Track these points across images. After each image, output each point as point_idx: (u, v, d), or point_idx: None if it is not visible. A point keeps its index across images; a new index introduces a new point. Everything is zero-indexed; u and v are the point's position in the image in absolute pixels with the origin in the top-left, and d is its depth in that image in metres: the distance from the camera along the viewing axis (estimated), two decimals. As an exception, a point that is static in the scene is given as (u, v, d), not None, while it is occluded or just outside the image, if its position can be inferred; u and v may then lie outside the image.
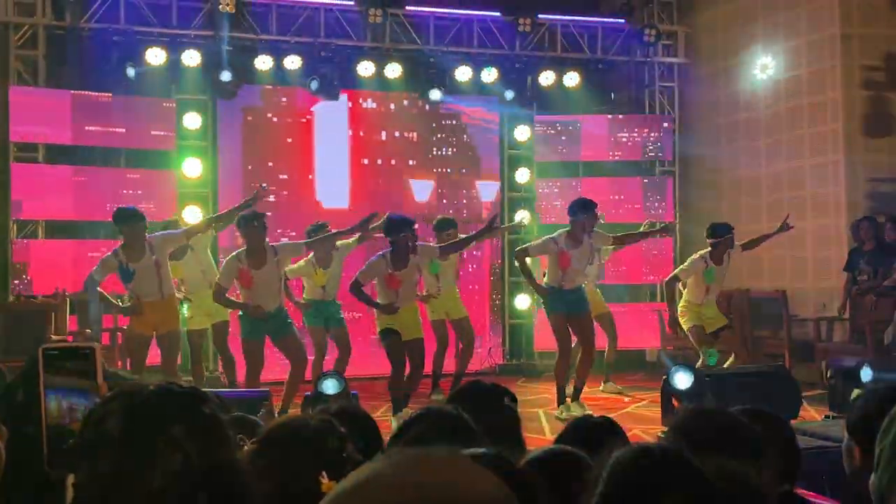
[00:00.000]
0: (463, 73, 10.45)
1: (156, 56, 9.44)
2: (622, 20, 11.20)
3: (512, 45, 10.78)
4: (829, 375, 7.15)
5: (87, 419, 1.54)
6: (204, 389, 1.66)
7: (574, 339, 7.84)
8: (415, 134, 10.78)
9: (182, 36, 9.68)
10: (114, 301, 7.30)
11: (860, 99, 9.68)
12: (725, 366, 7.82)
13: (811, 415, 7.17)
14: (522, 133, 11.03)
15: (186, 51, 9.52)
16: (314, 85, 9.91)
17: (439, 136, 10.89)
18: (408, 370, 7.48)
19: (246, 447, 1.98)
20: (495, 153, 11.11)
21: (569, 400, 7.84)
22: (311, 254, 7.90)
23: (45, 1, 9.27)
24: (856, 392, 6.79)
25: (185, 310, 7.82)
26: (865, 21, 9.65)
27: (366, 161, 10.61)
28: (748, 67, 10.73)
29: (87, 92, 9.48)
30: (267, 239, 7.19)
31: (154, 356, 7.26)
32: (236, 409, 3.71)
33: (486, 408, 2.56)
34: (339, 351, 8.15)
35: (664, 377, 6.93)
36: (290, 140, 10.45)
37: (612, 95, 11.36)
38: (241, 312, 7.28)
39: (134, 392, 1.56)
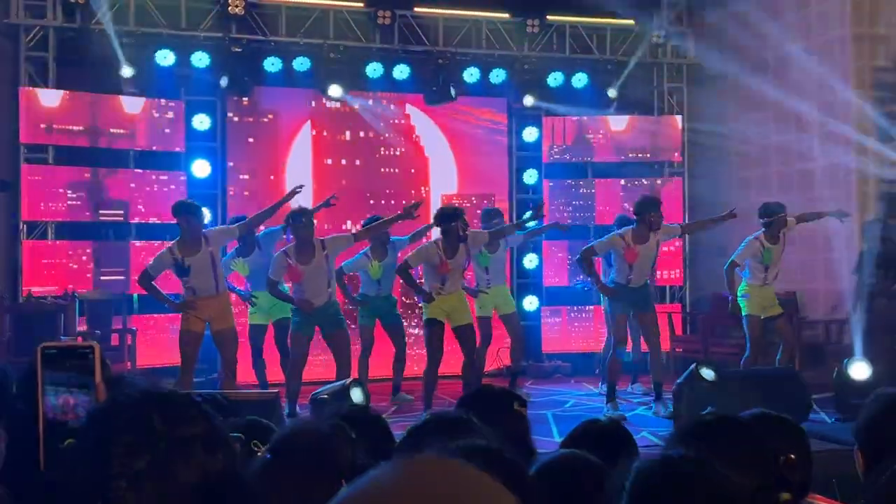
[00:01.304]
0: (471, 75, 10.43)
1: (165, 57, 9.44)
2: (631, 21, 11.16)
3: (521, 47, 10.76)
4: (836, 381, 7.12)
5: (83, 428, 1.51)
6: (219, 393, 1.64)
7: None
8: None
9: (191, 37, 9.68)
10: (169, 299, 7.28)
11: (871, 99, 9.61)
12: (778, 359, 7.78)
13: (821, 418, 7.13)
14: (531, 134, 11.01)
15: (195, 52, 9.53)
16: (335, 91, 9.90)
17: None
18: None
19: (259, 454, 1.95)
20: (504, 154, 11.08)
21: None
22: (368, 246, 8.03)
23: (55, 3, 9.28)
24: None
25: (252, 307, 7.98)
26: (876, 22, 9.58)
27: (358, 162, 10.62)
28: (758, 67, 10.66)
29: (96, 93, 9.48)
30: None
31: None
32: (246, 413, 3.70)
33: (495, 413, 2.54)
34: (395, 348, 8.26)
35: (677, 381, 6.90)
36: (296, 141, 10.43)
37: (622, 96, 11.31)
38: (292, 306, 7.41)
39: (126, 395, 1.52)
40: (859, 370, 7.03)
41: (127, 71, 9.34)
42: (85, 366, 1.70)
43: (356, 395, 6.18)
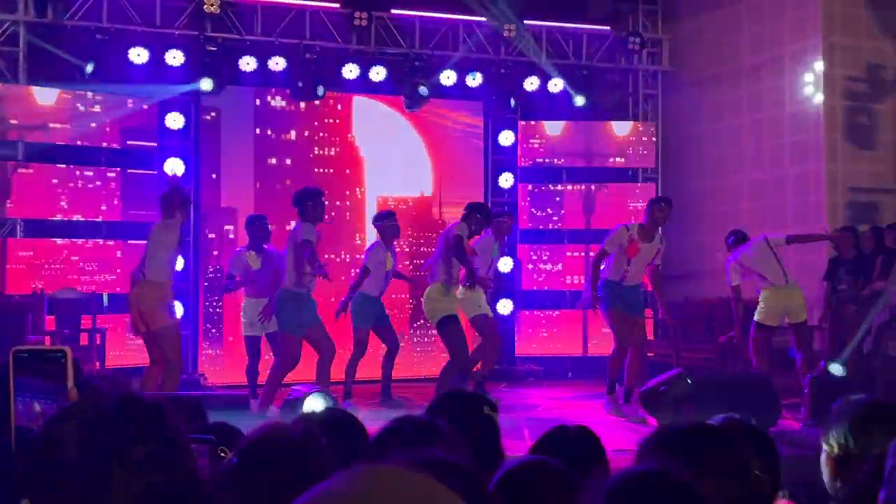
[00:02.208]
0: (448, 78, 10.42)
1: (138, 55, 9.35)
2: (607, 27, 11.21)
3: (497, 50, 10.76)
4: (811, 385, 7.15)
5: (45, 433, 1.47)
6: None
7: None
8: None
9: (165, 35, 9.59)
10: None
11: (841, 109, 9.71)
12: None
13: (790, 423, 7.16)
14: (506, 138, 11.02)
15: (170, 50, 9.44)
16: (320, 90, 9.87)
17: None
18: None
19: (225, 460, 1.91)
20: (479, 158, 11.08)
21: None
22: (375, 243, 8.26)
23: (27, -3, 9.17)
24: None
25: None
26: (848, 32, 9.68)
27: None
28: (732, 75, 10.75)
29: (68, 90, 9.37)
30: None
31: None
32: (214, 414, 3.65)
33: (465, 417, 2.52)
34: (390, 348, 8.34)
35: (646, 386, 6.92)
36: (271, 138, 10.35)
37: (597, 102, 11.35)
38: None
39: (91, 410, 1.49)
40: (837, 371, 7.09)
41: (88, 67, 9.25)
42: (57, 370, 1.66)
43: (316, 404, 5.98)
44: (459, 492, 0.91)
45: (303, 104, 10.30)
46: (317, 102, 10.19)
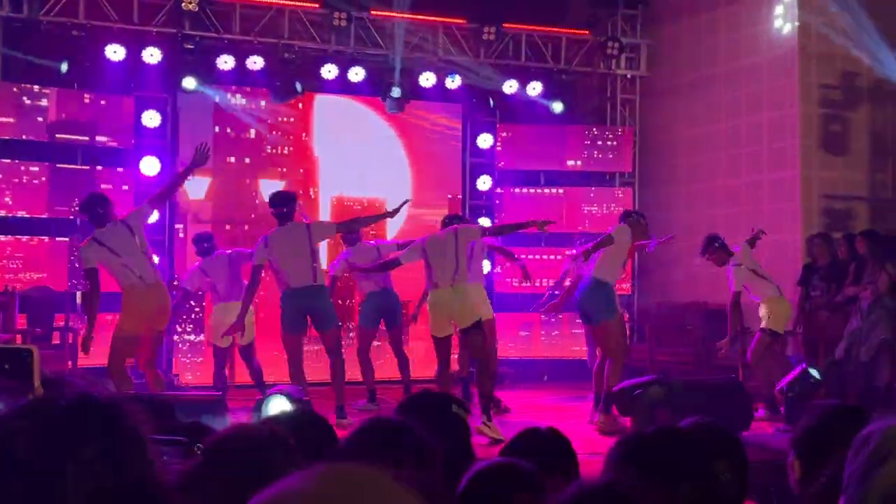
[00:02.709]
0: (427, 80, 10.42)
1: (115, 52, 9.28)
2: (586, 32, 11.25)
3: (476, 53, 10.77)
4: (785, 390, 7.20)
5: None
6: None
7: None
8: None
9: (143, 33, 9.53)
10: None
11: (817, 116, 9.79)
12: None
13: (763, 426, 7.21)
14: (485, 141, 11.03)
15: (147, 48, 9.39)
16: (298, 87, 9.80)
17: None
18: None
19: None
20: (457, 160, 11.08)
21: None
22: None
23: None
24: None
25: None
26: (824, 40, 9.76)
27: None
28: (709, 81, 10.81)
29: (43, 87, 9.29)
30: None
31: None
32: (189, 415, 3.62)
33: (435, 417, 2.52)
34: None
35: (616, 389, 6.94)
36: (248, 139, 10.28)
37: (575, 106, 11.39)
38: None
39: (44, 408, 1.46)
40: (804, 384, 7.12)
41: (63, 66, 9.17)
42: (24, 369, 1.65)
43: (276, 407, 5.94)
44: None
45: (263, 102, 10.15)
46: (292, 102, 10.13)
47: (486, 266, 10.72)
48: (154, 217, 8.33)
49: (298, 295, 7.12)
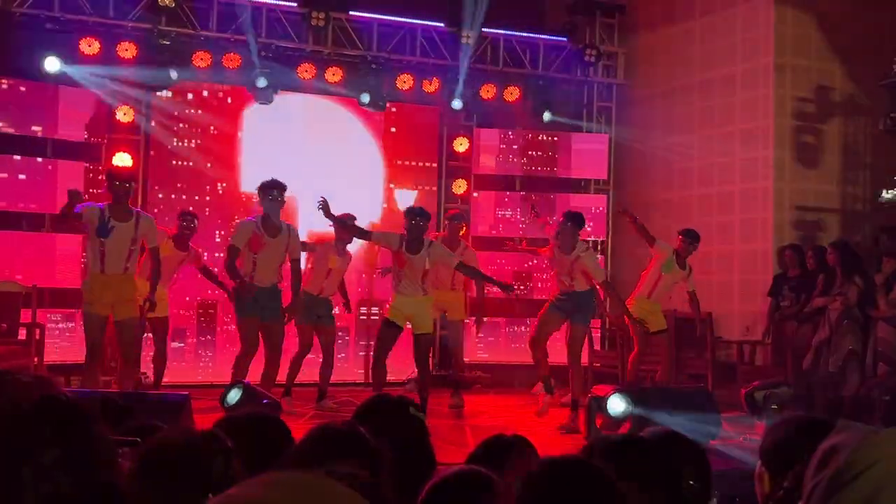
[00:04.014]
0: (404, 82, 10.41)
1: (89, 46, 9.19)
2: (564, 38, 11.28)
3: (455, 57, 10.77)
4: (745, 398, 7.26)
5: None
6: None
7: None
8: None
9: (118, 27, 9.43)
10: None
11: (790, 128, 9.87)
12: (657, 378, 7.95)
13: (731, 436, 7.23)
14: (461, 144, 11.02)
15: (122, 42, 9.30)
16: (261, 82, 9.71)
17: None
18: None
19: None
20: (434, 164, 11.07)
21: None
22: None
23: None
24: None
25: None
26: (798, 53, 9.85)
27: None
28: (684, 91, 10.87)
29: (15, 79, 9.17)
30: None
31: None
32: (148, 414, 3.56)
33: (391, 420, 2.49)
34: (324, 353, 8.33)
35: (590, 396, 6.93)
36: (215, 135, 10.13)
37: (551, 112, 11.42)
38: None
39: (7, 403, 1.45)
40: (771, 394, 7.17)
41: (53, 64, 9.06)
42: None
43: (231, 396, 6.08)
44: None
45: (190, 95, 9.93)
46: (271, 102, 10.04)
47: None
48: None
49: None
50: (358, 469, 1.74)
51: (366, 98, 10.13)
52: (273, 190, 7.32)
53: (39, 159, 9.36)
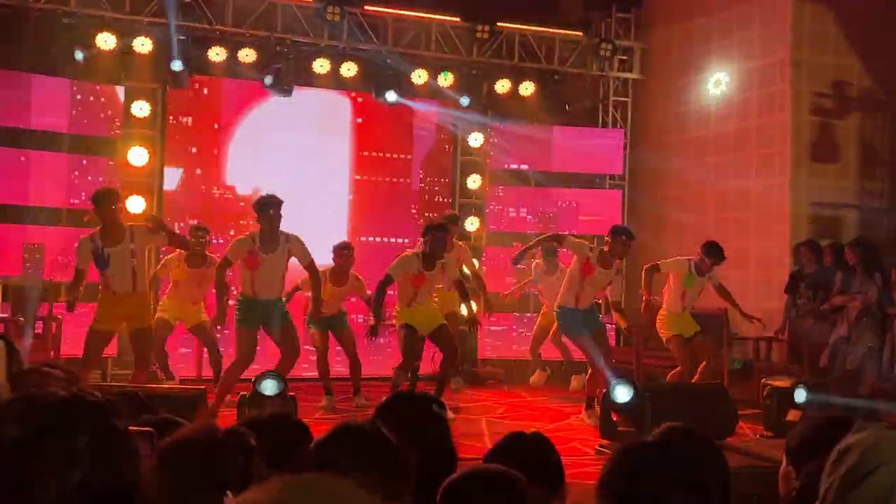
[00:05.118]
0: (419, 77, 10.40)
1: (106, 41, 9.22)
2: (579, 33, 11.25)
3: (469, 51, 10.75)
4: (765, 395, 7.20)
5: None
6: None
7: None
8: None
9: (134, 22, 9.46)
10: None
11: (807, 124, 9.82)
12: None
13: (746, 433, 7.21)
14: (476, 139, 11.01)
15: (138, 37, 9.33)
16: (268, 80, 9.78)
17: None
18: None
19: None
20: (448, 158, 11.08)
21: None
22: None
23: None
24: (791, 412, 6.87)
25: None
26: (816, 48, 9.79)
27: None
28: (700, 86, 10.83)
29: (33, 74, 9.21)
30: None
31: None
32: (167, 409, 3.58)
33: (413, 418, 2.49)
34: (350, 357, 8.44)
35: (604, 391, 6.93)
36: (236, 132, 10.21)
37: (567, 107, 11.40)
38: (239, 299, 7.32)
39: (37, 399, 1.47)
40: (789, 392, 7.09)
41: (79, 55, 9.12)
42: None
43: (267, 386, 6.15)
44: None
45: (205, 90, 10.02)
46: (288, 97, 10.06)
47: (476, 265, 10.76)
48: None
49: None
50: (378, 471, 1.74)
51: (392, 96, 10.14)
52: (269, 208, 7.09)
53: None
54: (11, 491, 1.33)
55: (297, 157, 10.09)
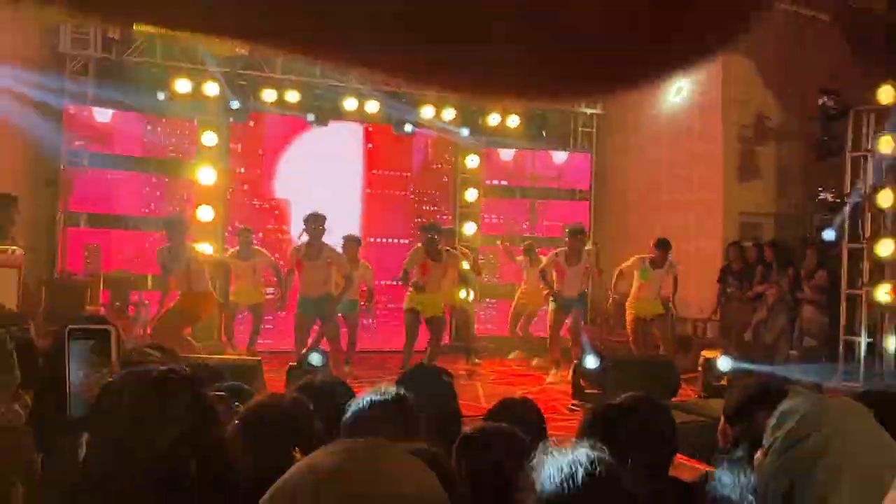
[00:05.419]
0: (427, 112, 10.41)
1: (183, 86, 9.26)
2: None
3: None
4: (700, 364, 7.22)
5: (105, 391, 1.48)
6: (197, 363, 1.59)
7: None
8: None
9: (205, 70, 9.48)
10: None
11: (736, 150, 9.83)
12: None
13: (689, 394, 7.24)
14: (473, 161, 11.02)
15: (208, 82, 9.36)
16: (310, 117, 9.82)
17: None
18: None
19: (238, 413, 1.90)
20: (450, 177, 11.09)
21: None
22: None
23: (96, 38, 9.03)
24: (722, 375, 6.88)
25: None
26: (742, 89, 9.80)
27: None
28: (652, 119, 10.83)
29: (126, 111, 9.26)
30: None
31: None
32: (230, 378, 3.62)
33: (427, 384, 2.54)
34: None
35: (576, 361, 6.95)
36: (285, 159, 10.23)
37: (544, 134, 11.42)
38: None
39: (145, 373, 1.50)
40: (719, 362, 7.12)
41: (161, 96, 9.18)
42: (104, 346, 1.64)
43: (315, 359, 6.19)
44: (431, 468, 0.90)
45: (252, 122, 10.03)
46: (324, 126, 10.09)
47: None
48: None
49: None
50: (403, 428, 1.76)
51: (409, 128, 10.19)
52: (312, 223, 7.34)
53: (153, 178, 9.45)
54: (134, 442, 1.37)
55: (323, 175, 10.07)
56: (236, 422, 1.72)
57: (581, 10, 0.37)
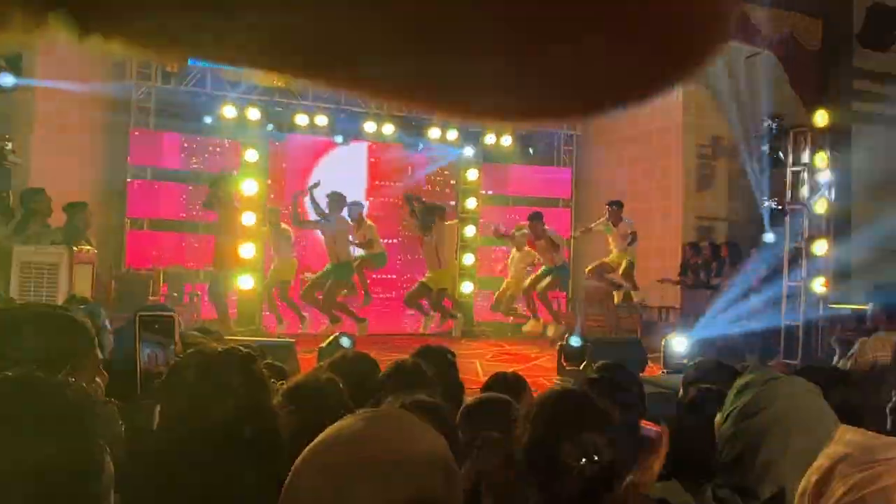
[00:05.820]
0: (435, 133, 10.41)
1: (229, 111, 9.27)
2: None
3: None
4: (663, 345, 7.19)
5: (173, 368, 1.49)
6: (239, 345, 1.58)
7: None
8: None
9: (247, 98, 9.50)
10: None
11: (694, 165, 9.82)
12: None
13: (654, 370, 7.21)
14: (472, 174, 11.02)
15: (250, 108, 9.37)
16: (339, 138, 9.83)
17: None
18: None
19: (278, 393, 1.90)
20: (452, 189, 11.09)
21: None
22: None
23: (157, 71, 9.07)
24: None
25: None
26: (699, 114, 9.78)
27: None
28: (624, 140, 10.81)
29: (182, 133, 9.28)
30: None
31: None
32: (270, 357, 3.62)
33: (436, 360, 2.55)
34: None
35: (560, 343, 6.93)
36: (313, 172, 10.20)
37: (531, 151, 11.41)
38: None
39: (206, 352, 1.50)
40: (679, 343, 7.08)
41: (207, 119, 9.19)
42: (168, 329, 1.66)
43: (345, 341, 6.08)
44: (435, 424, 0.91)
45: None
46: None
47: (471, 258, 10.78)
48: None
49: None
50: (426, 395, 1.77)
51: (420, 146, 10.19)
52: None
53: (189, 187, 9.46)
54: (198, 412, 1.36)
55: (335, 185, 10.07)
56: (280, 396, 1.73)
57: (558, 55, 0.37)
